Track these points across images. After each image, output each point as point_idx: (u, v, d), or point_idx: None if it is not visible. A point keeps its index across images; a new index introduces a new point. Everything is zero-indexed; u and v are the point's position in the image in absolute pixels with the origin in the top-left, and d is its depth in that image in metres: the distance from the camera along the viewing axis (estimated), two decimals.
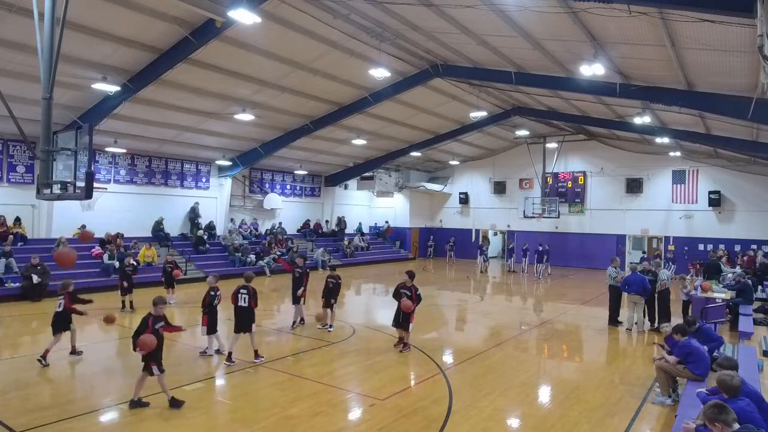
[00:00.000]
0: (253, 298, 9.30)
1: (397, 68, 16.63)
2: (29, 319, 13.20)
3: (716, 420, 3.97)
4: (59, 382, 8.30)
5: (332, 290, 11.92)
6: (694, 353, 7.46)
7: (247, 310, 9.26)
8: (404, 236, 33.61)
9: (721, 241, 24.92)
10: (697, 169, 25.72)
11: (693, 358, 7.44)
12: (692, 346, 7.54)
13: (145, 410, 7.04)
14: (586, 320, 14.52)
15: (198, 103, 17.30)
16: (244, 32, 12.92)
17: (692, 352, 7.47)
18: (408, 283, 10.43)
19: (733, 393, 4.84)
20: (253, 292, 9.34)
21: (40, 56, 7.79)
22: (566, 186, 29.66)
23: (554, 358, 10.92)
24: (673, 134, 20.60)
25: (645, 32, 10.33)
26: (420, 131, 25.01)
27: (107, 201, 19.88)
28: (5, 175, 17.52)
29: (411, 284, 10.43)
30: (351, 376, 8.98)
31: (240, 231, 24.75)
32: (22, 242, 17.35)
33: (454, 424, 6.85)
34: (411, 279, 10.48)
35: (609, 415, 7.33)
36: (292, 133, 21.42)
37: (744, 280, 13.83)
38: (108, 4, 11.18)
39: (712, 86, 13.05)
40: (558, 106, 21.01)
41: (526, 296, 19.83)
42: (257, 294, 9.47)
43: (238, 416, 6.99)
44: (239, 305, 9.29)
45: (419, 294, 10.49)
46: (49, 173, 7.85)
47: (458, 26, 12.76)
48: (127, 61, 13.86)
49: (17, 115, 8.13)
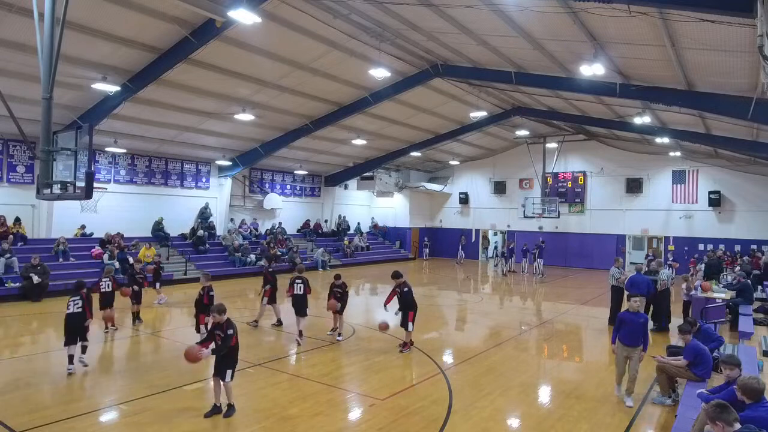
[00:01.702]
0: (306, 286, 10.79)
1: (397, 68, 16.63)
2: (29, 319, 13.20)
3: (718, 419, 3.94)
4: (59, 382, 8.30)
5: (339, 300, 11.50)
6: (701, 354, 7.44)
7: (303, 297, 10.68)
8: (404, 236, 33.62)
9: (721, 241, 24.94)
10: (697, 169, 25.73)
11: (699, 359, 7.42)
12: (700, 347, 7.52)
13: (144, 410, 7.04)
14: (586, 320, 14.52)
15: (198, 103, 17.30)
16: (244, 32, 12.92)
17: (700, 353, 7.45)
18: (401, 281, 10.37)
19: (757, 397, 4.63)
20: (306, 281, 10.79)
21: (40, 56, 7.80)
22: (566, 186, 29.67)
23: (554, 358, 10.92)
24: (673, 134, 20.60)
25: (645, 32, 10.33)
26: (420, 131, 25.02)
27: (107, 201, 19.87)
28: (5, 175, 17.52)
29: (405, 281, 10.40)
30: (351, 376, 8.97)
31: (240, 231, 24.76)
32: (22, 242, 17.35)
33: (454, 424, 6.85)
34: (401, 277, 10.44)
35: (609, 415, 7.33)
36: (292, 133, 21.43)
37: (744, 280, 13.83)
38: (108, 4, 11.18)
39: (712, 86, 13.05)
40: (558, 106, 21.01)
41: (525, 296, 19.83)
42: (309, 282, 10.92)
43: (238, 416, 6.98)
44: (296, 293, 10.65)
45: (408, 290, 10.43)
46: (49, 173, 7.86)
47: (458, 26, 12.76)
48: (127, 61, 13.86)
49: (17, 115, 8.15)
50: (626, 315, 7.90)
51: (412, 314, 10.37)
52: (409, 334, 10.42)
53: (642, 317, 7.93)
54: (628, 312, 7.93)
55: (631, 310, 7.89)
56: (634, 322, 7.78)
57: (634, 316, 7.82)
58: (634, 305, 7.89)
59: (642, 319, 7.89)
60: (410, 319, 10.31)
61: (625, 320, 7.85)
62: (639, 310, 7.98)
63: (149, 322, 12.82)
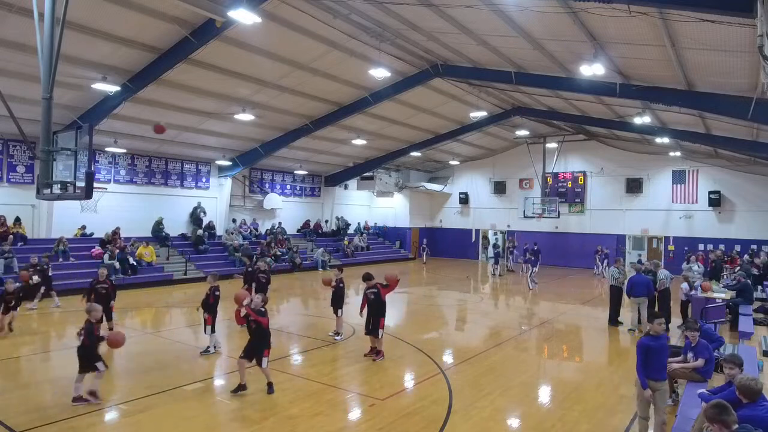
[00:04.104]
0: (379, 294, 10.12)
1: (397, 68, 16.63)
2: (29, 319, 13.18)
3: (716, 420, 3.94)
4: (59, 382, 8.29)
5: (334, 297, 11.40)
6: (711, 353, 7.43)
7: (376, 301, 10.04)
8: (404, 236, 33.62)
9: (721, 241, 24.92)
10: (697, 169, 25.72)
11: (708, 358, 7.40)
12: (710, 346, 7.51)
13: (144, 410, 7.04)
14: (586, 320, 14.52)
15: (198, 103, 17.30)
16: (244, 32, 12.92)
17: (711, 352, 7.42)
18: (372, 284, 10.03)
19: (754, 397, 4.63)
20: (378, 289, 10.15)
21: (40, 56, 7.80)
22: (566, 186, 29.66)
23: (554, 358, 10.92)
24: (673, 134, 20.60)
25: (645, 32, 10.33)
26: (420, 131, 25.02)
27: (107, 201, 19.85)
28: (5, 175, 17.52)
29: (375, 284, 10.03)
30: (351, 376, 8.97)
31: (240, 231, 24.76)
32: (22, 242, 17.34)
33: (454, 424, 6.85)
34: (372, 279, 10.14)
35: (609, 415, 7.33)
36: (292, 133, 21.42)
37: (744, 280, 13.83)
38: (108, 4, 11.18)
39: (712, 86, 13.05)
40: (558, 106, 21.01)
41: (525, 296, 19.82)
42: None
43: (238, 416, 6.99)
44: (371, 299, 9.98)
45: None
46: (49, 173, 7.85)
47: (458, 26, 12.76)
48: (127, 61, 13.86)
49: (17, 115, 8.14)
50: (650, 342, 6.18)
51: (383, 320, 9.81)
52: (379, 341, 9.89)
53: (665, 338, 6.48)
54: (651, 336, 6.25)
55: (653, 333, 6.24)
56: (662, 347, 6.27)
57: (659, 340, 6.23)
58: (658, 328, 6.26)
59: (665, 340, 6.48)
60: (380, 325, 9.76)
61: (651, 348, 6.11)
62: (662, 332, 6.38)
63: (149, 322, 12.80)
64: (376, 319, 9.77)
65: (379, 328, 9.76)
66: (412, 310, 16.01)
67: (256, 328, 7.78)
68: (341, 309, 11.32)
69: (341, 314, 11.36)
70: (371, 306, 9.89)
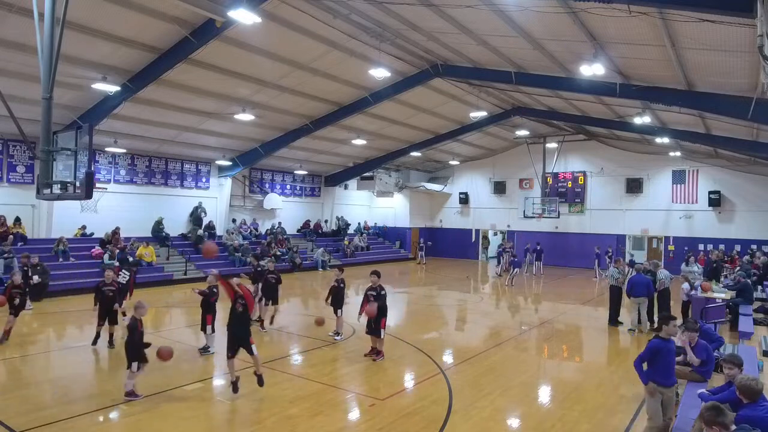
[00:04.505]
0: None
1: (397, 68, 16.63)
2: (29, 319, 13.18)
3: (715, 423, 3.93)
4: (59, 382, 8.30)
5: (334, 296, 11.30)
6: (710, 354, 7.43)
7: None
8: (404, 236, 33.62)
9: (721, 241, 24.92)
10: (697, 169, 25.72)
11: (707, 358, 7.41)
12: (709, 346, 7.51)
13: (145, 410, 7.04)
14: (586, 320, 14.52)
15: (198, 103, 17.30)
16: (244, 32, 12.92)
17: (710, 352, 7.43)
18: (375, 284, 9.95)
19: (755, 398, 4.62)
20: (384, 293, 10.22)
21: (40, 56, 7.80)
22: (566, 186, 29.65)
23: (554, 358, 10.92)
24: (673, 134, 20.60)
25: (645, 32, 10.33)
26: (420, 131, 25.01)
27: (107, 201, 19.85)
28: (5, 175, 17.52)
29: (378, 285, 9.95)
30: (351, 376, 8.97)
31: (240, 231, 24.76)
32: (22, 242, 17.34)
33: (454, 424, 6.85)
34: (378, 278, 10.05)
35: (609, 415, 7.33)
36: (292, 133, 21.42)
37: (744, 280, 13.83)
38: (108, 4, 11.18)
39: (712, 86, 13.05)
40: (558, 106, 21.01)
41: (526, 296, 19.82)
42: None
43: (238, 416, 6.99)
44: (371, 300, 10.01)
45: (384, 294, 9.97)
46: (49, 173, 7.85)
47: (458, 26, 12.76)
48: (127, 61, 13.86)
49: (17, 115, 8.14)
50: (660, 344, 5.79)
51: (384, 320, 9.78)
52: (381, 341, 9.85)
53: (672, 341, 6.19)
54: (661, 339, 5.82)
55: (664, 336, 5.79)
56: (670, 350, 5.91)
57: (668, 343, 5.87)
58: (672, 330, 5.78)
59: (672, 343, 6.19)
60: (382, 325, 9.74)
61: (661, 351, 5.74)
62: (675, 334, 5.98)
63: (149, 321, 12.78)
64: (377, 319, 9.78)
65: (381, 328, 9.78)
66: (412, 310, 16.01)
67: (243, 312, 7.61)
68: (341, 309, 11.30)
69: (341, 314, 11.35)
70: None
